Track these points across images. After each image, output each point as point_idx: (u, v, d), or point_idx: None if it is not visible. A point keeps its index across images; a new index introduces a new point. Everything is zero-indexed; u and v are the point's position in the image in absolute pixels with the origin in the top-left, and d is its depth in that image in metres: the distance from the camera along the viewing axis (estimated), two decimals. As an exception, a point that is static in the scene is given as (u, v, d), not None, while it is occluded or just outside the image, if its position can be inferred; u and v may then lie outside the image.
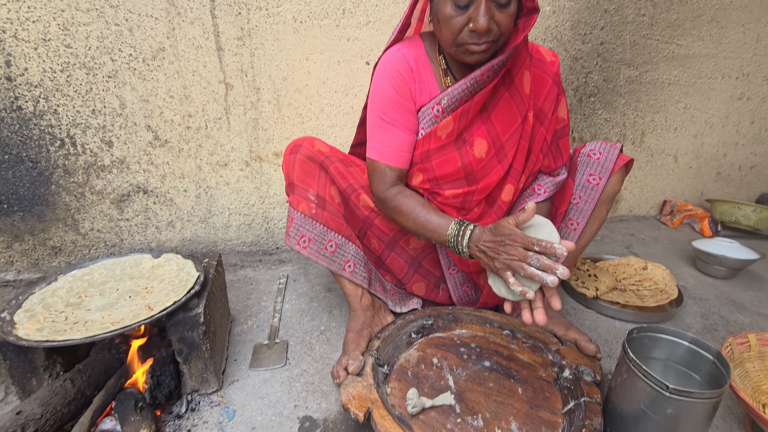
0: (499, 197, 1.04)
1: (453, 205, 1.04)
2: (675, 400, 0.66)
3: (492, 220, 1.05)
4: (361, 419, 0.74)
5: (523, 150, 1.00)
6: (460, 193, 1.01)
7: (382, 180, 0.97)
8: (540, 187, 1.07)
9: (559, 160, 1.07)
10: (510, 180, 1.02)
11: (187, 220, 1.52)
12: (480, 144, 0.97)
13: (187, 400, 0.88)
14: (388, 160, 0.96)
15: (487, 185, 1.00)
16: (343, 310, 1.27)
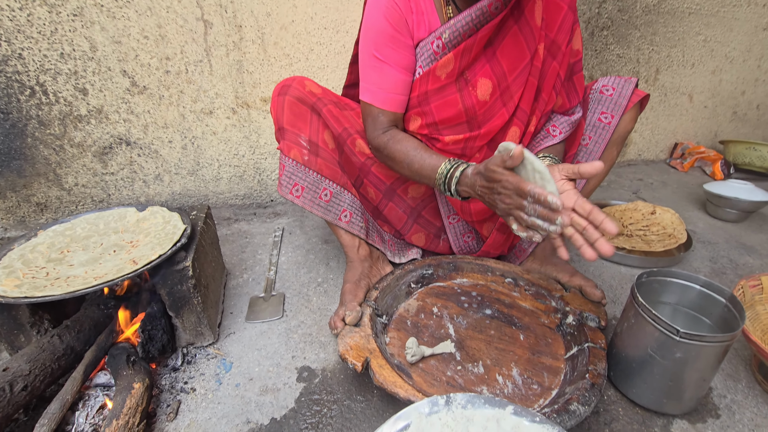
0: (503, 141, 0.96)
1: (453, 152, 0.97)
2: (685, 344, 0.64)
3: None
4: (359, 369, 0.73)
5: (532, 88, 0.92)
6: (460, 139, 0.94)
7: (374, 126, 0.90)
8: (555, 128, 0.99)
9: (574, 97, 0.99)
10: (516, 122, 0.94)
11: (175, 173, 1.46)
12: (484, 85, 0.89)
13: (183, 353, 0.87)
14: (382, 104, 0.88)
15: (490, 130, 0.93)
16: (340, 262, 1.24)
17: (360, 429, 0.72)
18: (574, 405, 0.65)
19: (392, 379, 0.70)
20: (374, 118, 0.90)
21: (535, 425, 0.56)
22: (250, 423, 0.73)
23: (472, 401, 0.60)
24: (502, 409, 0.59)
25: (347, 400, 0.78)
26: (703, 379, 0.69)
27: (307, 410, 0.76)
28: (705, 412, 0.76)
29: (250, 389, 0.80)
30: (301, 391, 0.80)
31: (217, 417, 0.75)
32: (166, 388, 0.80)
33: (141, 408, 0.68)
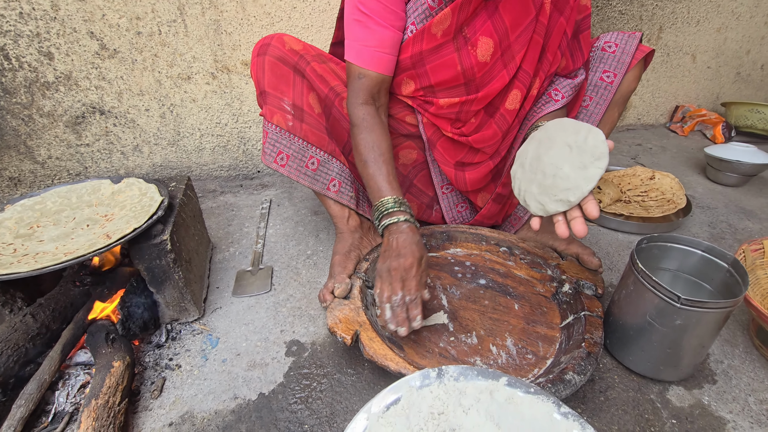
0: (501, 105, 0.91)
1: (447, 117, 0.92)
2: (685, 311, 0.62)
3: (492, 131, 0.94)
4: (349, 342, 0.71)
5: (536, 47, 0.85)
6: (456, 102, 0.88)
7: (354, 90, 0.84)
8: (557, 92, 0.93)
9: (579, 58, 0.93)
10: (517, 85, 0.89)
11: (155, 143, 1.39)
12: (485, 44, 0.82)
13: (167, 329, 0.85)
14: (366, 63, 0.82)
15: (488, 94, 0.87)
16: (330, 234, 1.21)
17: (350, 402, 0.71)
18: (570, 374, 0.64)
19: (383, 351, 0.69)
20: (354, 80, 0.83)
21: (529, 396, 0.55)
22: (237, 398, 0.72)
23: (465, 373, 0.58)
24: (496, 380, 0.57)
25: (337, 373, 0.76)
26: (702, 345, 0.67)
27: (297, 384, 0.74)
28: (701, 378, 0.75)
29: (237, 364, 0.79)
30: (290, 365, 0.78)
31: (203, 393, 0.73)
32: (150, 365, 0.78)
33: (122, 386, 0.66)
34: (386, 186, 0.80)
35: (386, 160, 0.82)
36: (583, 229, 0.65)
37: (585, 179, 0.64)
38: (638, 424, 0.67)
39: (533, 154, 0.75)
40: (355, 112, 0.84)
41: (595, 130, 0.66)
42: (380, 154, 0.82)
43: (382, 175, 0.80)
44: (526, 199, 0.74)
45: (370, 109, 0.84)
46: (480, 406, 0.54)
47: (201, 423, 0.68)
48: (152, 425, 0.67)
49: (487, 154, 0.98)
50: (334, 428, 0.67)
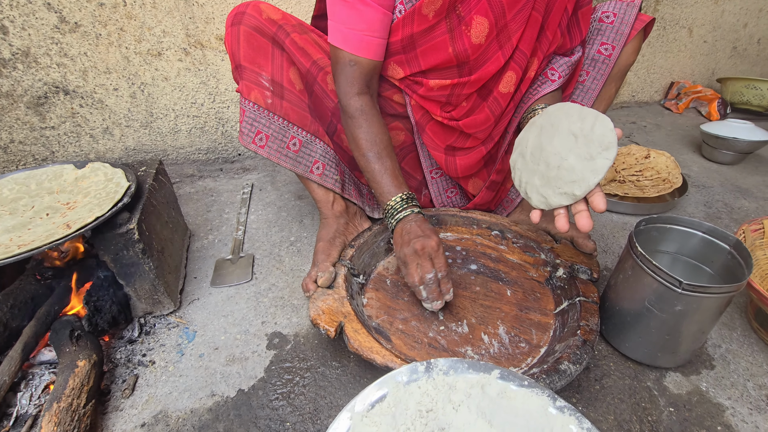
0: (495, 88, 0.86)
1: (436, 100, 0.87)
2: (686, 297, 0.59)
3: (484, 116, 0.89)
4: (332, 335, 0.67)
5: (535, 25, 0.80)
6: (447, 85, 0.83)
7: (347, 79, 0.79)
8: (554, 71, 0.88)
9: (576, 35, 0.87)
10: (512, 66, 0.84)
11: (126, 125, 1.32)
12: (479, 24, 0.77)
13: (140, 323, 0.81)
14: (356, 49, 0.76)
15: (482, 77, 0.83)
16: (315, 219, 1.16)
17: (335, 397, 0.68)
18: (565, 364, 0.61)
19: (368, 344, 0.65)
20: (345, 67, 0.78)
21: (523, 390, 0.52)
22: (215, 396, 0.68)
23: (455, 366, 0.55)
24: (488, 373, 0.54)
25: (321, 366, 0.73)
26: (702, 331, 0.65)
27: (278, 379, 0.71)
28: (699, 364, 0.74)
29: (215, 359, 0.75)
30: (271, 359, 0.75)
31: (178, 391, 0.69)
32: (121, 362, 0.74)
33: (87, 387, 0.62)
34: (394, 183, 0.78)
35: (389, 154, 0.80)
36: (589, 223, 0.61)
37: (592, 171, 0.59)
38: (635, 413, 0.65)
39: (534, 143, 0.70)
40: (351, 103, 0.80)
41: (602, 117, 0.61)
42: (384, 148, 0.80)
43: (388, 171, 0.79)
44: (528, 191, 0.70)
45: (367, 100, 0.80)
46: (471, 402, 0.51)
47: (176, 423, 0.64)
48: (123, 426, 0.64)
49: (479, 140, 0.94)
50: (318, 425, 0.64)
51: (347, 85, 0.79)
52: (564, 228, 0.64)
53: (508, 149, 0.96)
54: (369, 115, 0.80)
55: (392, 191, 0.78)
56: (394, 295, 0.83)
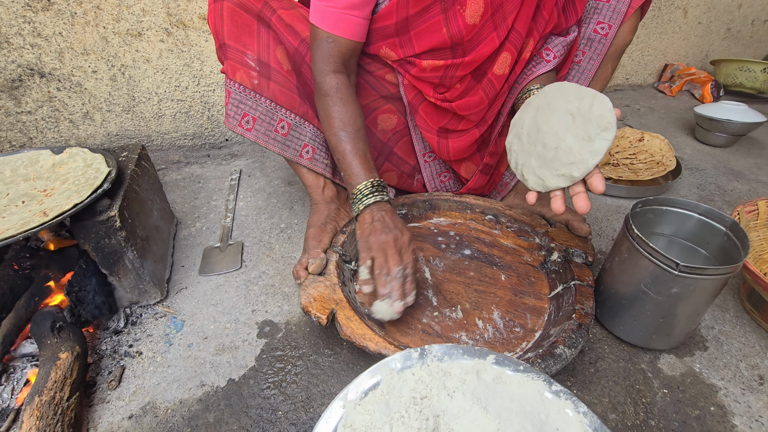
0: (490, 70, 0.84)
1: (429, 81, 0.84)
2: (683, 279, 0.59)
3: (478, 98, 0.87)
4: (324, 322, 0.66)
5: (531, 4, 0.78)
6: (440, 66, 0.81)
7: (323, 56, 0.76)
8: (549, 51, 0.86)
9: (572, 15, 0.85)
10: (507, 47, 0.81)
11: (107, 110, 1.28)
12: (474, 4, 0.74)
13: (125, 313, 0.79)
14: (333, 27, 0.74)
15: (476, 58, 0.80)
16: (306, 205, 1.14)
17: (328, 385, 0.67)
18: (560, 348, 0.61)
19: (361, 331, 0.64)
20: (322, 43, 0.75)
21: (518, 375, 0.51)
22: (204, 386, 0.67)
23: (449, 352, 0.54)
24: (483, 359, 0.53)
25: (314, 354, 0.72)
26: (696, 313, 0.65)
27: (269, 368, 0.70)
28: (692, 345, 0.74)
29: (204, 349, 0.73)
30: (262, 347, 0.74)
31: (167, 381, 0.68)
32: (107, 353, 0.72)
33: (71, 380, 0.60)
34: (364, 167, 0.75)
35: (361, 137, 0.77)
36: (587, 205, 0.60)
37: (591, 152, 0.58)
38: (629, 395, 0.65)
39: (531, 124, 0.68)
40: (325, 80, 0.77)
41: (600, 96, 0.59)
42: (357, 129, 0.77)
43: (359, 154, 0.76)
44: (524, 173, 0.68)
45: (342, 78, 0.78)
46: (466, 388, 0.50)
47: (164, 414, 0.63)
48: (110, 419, 0.62)
49: (473, 122, 0.92)
50: (311, 413, 0.63)
51: (322, 62, 0.76)
52: (560, 210, 0.63)
53: (502, 131, 0.94)
54: (344, 94, 0.77)
55: (362, 175, 0.74)
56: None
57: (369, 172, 0.75)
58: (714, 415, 0.63)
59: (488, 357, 0.53)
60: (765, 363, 0.71)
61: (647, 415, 0.63)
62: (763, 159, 1.44)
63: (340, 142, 0.76)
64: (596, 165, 0.58)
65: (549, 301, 0.78)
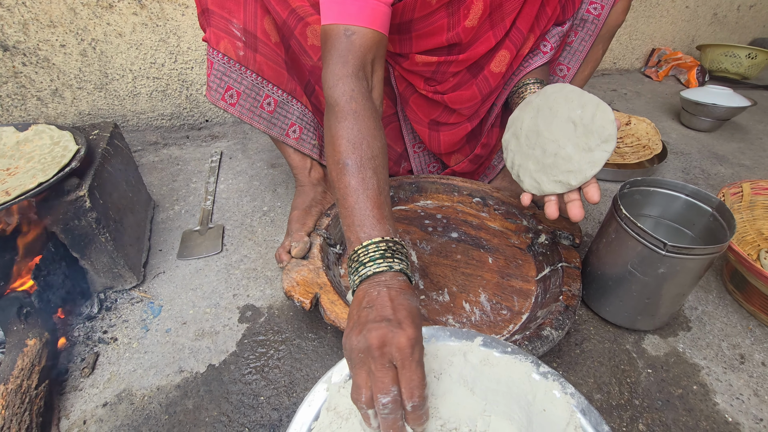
0: (487, 67, 0.82)
1: (420, 74, 0.82)
2: (670, 259, 0.59)
3: (471, 93, 0.84)
4: (308, 306, 0.64)
5: (535, 3, 0.76)
6: (434, 62, 0.78)
7: (338, 56, 0.59)
8: (546, 42, 0.84)
9: (570, 9, 0.83)
10: (507, 45, 0.79)
11: (78, 87, 1.21)
12: (476, 6, 0.72)
13: (99, 298, 0.76)
14: (354, 17, 0.59)
15: (470, 57, 0.78)
16: (290, 188, 1.11)
17: (311, 369, 0.66)
18: (547, 330, 0.61)
19: (345, 315, 0.62)
20: (337, 41, 0.59)
21: (506, 356, 0.51)
22: (183, 372, 0.65)
23: (436, 335, 0.53)
24: (470, 341, 0.52)
25: (297, 338, 0.71)
26: (681, 294, 0.65)
27: (251, 353, 0.68)
28: (676, 326, 0.75)
29: (183, 334, 0.71)
30: (243, 332, 0.72)
31: (143, 368, 0.66)
32: (79, 340, 0.69)
33: (39, 367, 0.57)
34: (373, 216, 0.50)
35: (377, 168, 0.54)
36: (581, 213, 0.61)
37: (589, 163, 0.58)
38: (614, 375, 0.66)
39: (530, 126, 0.68)
40: (338, 85, 0.58)
41: (603, 105, 0.59)
42: (371, 158, 0.54)
43: (369, 195, 0.51)
44: (520, 174, 0.69)
45: (360, 86, 0.58)
46: (453, 370, 0.49)
47: (141, 401, 0.61)
48: (83, 407, 0.60)
49: (465, 116, 0.90)
50: (294, 398, 0.61)
51: (337, 64, 0.59)
52: (553, 215, 0.64)
53: (495, 122, 0.93)
54: (360, 105, 0.57)
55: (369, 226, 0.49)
56: (372, 265, 0.81)
57: (380, 224, 0.50)
58: (696, 394, 0.64)
59: (475, 339, 0.52)
60: (746, 342, 0.72)
61: (632, 395, 0.63)
62: (746, 143, 1.46)
63: (343, 175, 0.53)
64: (593, 175, 0.58)
65: (536, 284, 0.78)
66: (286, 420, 0.59)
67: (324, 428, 0.43)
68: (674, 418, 0.60)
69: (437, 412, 0.45)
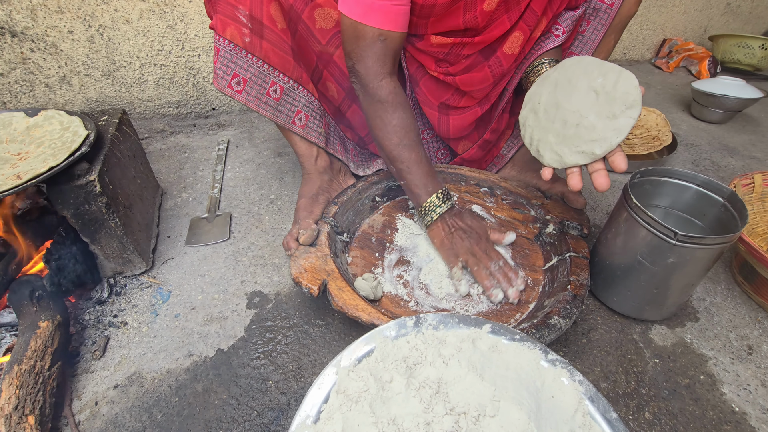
0: (500, 48, 0.80)
1: (433, 55, 0.81)
2: (680, 248, 0.58)
3: (483, 75, 0.83)
4: (315, 293, 0.64)
5: None
6: (448, 43, 0.77)
7: (377, 58, 0.70)
8: (558, 26, 0.83)
9: None
10: (521, 27, 0.78)
11: (86, 74, 1.21)
12: None
13: (109, 283, 0.76)
14: (383, 22, 0.68)
15: (485, 40, 0.77)
16: (297, 177, 1.11)
17: (319, 355, 0.66)
18: (555, 318, 0.61)
19: (353, 302, 0.63)
20: (375, 43, 0.69)
21: (514, 344, 0.51)
22: (192, 356, 0.66)
23: (445, 321, 0.53)
24: (478, 328, 0.52)
25: (305, 324, 0.71)
26: (690, 284, 0.65)
27: (259, 338, 0.69)
28: (684, 316, 0.74)
29: (191, 319, 0.72)
30: (251, 318, 0.72)
31: (153, 351, 0.66)
32: (90, 323, 0.70)
33: (51, 349, 0.58)
34: (430, 178, 0.76)
35: (421, 143, 0.77)
36: (607, 182, 0.61)
37: (614, 130, 0.57)
38: (621, 365, 0.66)
39: (549, 99, 0.67)
40: (383, 85, 0.72)
41: (626, 73, 0.58)
42: (416, 136, 0.75)
43: (423, 165, 0.75)
44: (540, 149, 0.68)
45: (396, 81, 0.74)
46: (461, 356, 0.49)
47: (151, 384, 0.62)
48: (94, 388, 0.61)
49: (475, 99, 0.89)
50: (302, 383, 0.62)
51: (378, 65, 0.71)
52: (578, 186, 0.64)
53: (506, 107, 0.92)
54: (401, 98, 0.74)
55: (430, 185, 0.76)
56: (379, 254, 0.81)
57: (436, 183, 0.76)
58: (703, 384, 0.64)
59: (484, 326, 0.52)
60: (754, 333, 0.72)
61: (638, 384, 0.63)
62: (757, 136, 1.44)
63: (403, 152, 0.74)
64: (619, 144, 0.57)
65: (543, 273, 0.77)
66: (294, 404, 0.59)
67: (334, 410, 0.43)
68: (681, 407, 0.60)
69: (447, 397, 0.45)
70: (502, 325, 0.52)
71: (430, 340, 0.51)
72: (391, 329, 0.52)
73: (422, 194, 0.75)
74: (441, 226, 0.76)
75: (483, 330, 0.52)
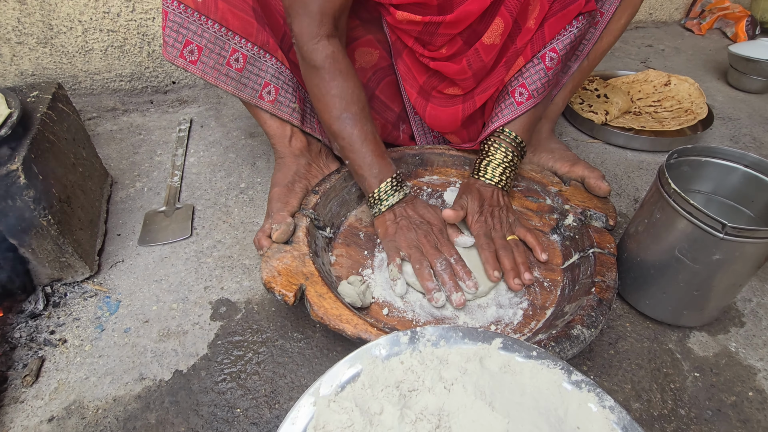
0: (480, 39, 0.77)
1: (408, 32, 0.78)
2: (728, 243, 0.55)
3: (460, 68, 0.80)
4: (291, 300, 0.60)
5: None
6: (418, 21, 0.73)
7: (312, 16, 0.68)
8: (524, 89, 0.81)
9: None
10: (502, 11, 0.74)
11: (17, 41, 1.14)
12: None
13: (45, 293, 0.72)
14: None
15: (459, 17, 0.72)
16: (271, 161, 1.07)
17: (297, 375, 0.62)
18: (578, 328, 0.57)
19: (336, 311, 0.59)
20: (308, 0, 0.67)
21: (531, 362, 0.47)
22: (144, 379, 0.62)
23: (446, 336, 0.49)
24: (487, 343, 0.49)
25: (280, 339, 0.67)
26: (737, 284, 0.62)
27: (226, 357, 0.65)
28: (727, 321, 0.71)
29: (144, 335, 0.68)
30: (216, 332, 0.68)
31: (97, 375, 0.62)
32: (21, 342, 0.66)
33: (-31, 377, 0.54)
34: (379, 160, 0.73)
35: (368, 116, 0.75)
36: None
37: None
38: (655, 381, 0.63)
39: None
40: (318, 48, 0.70)
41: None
42: (361, 109, 0.73)
43: (369, 142, 0.73)
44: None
45: (337, 45, 0.72)
46: (467, 380, 0.46)
47: (94, 415, 0.58)
48: (24, 422, 0.57)
49: (462, 89, 0.84)
50: (276, 410, 0.58)
51: (314, 25, 0.68)
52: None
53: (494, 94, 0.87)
54: (342, 64, 0.71)
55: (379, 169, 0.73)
56: (369, 251, 0.77)
57: (387, 165, 0.74)
58: (753, 402, 0.61)
59: (494, 341, 0.48)
60: (809, 340, 0.69)
61: (676, 403, 0.60)
62: (804, 107, 1.41)
63: (345, 127, 0.72)
64: None
65: (562, 273, 0.74)
66: (267, 436, 0.55)
67: (310, 453, 0.39)
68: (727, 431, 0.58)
69: (449, 432, 0.42)
70: (515, 340, 0.48)
71: (429, 360, 0.47)
72: (382, 347, 0.48)
73: (369, 178, 0.73)
74: (386, 215, 0.74)
75: (493, 346, 0.48)
